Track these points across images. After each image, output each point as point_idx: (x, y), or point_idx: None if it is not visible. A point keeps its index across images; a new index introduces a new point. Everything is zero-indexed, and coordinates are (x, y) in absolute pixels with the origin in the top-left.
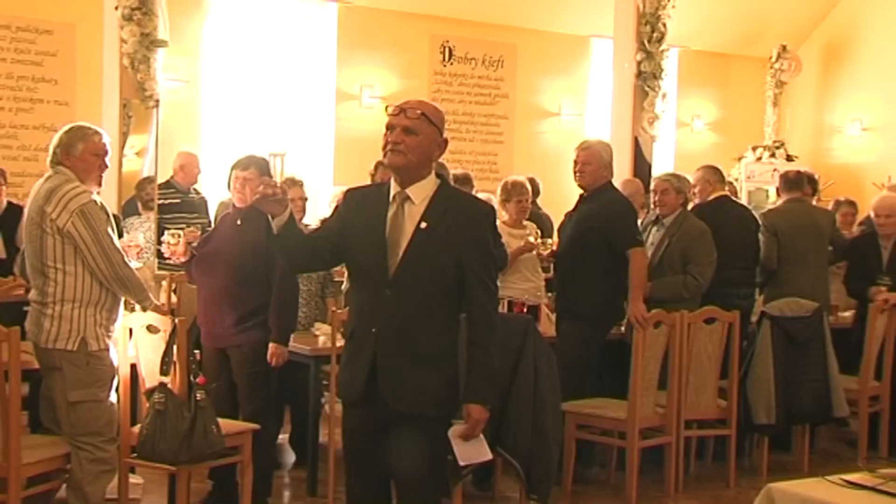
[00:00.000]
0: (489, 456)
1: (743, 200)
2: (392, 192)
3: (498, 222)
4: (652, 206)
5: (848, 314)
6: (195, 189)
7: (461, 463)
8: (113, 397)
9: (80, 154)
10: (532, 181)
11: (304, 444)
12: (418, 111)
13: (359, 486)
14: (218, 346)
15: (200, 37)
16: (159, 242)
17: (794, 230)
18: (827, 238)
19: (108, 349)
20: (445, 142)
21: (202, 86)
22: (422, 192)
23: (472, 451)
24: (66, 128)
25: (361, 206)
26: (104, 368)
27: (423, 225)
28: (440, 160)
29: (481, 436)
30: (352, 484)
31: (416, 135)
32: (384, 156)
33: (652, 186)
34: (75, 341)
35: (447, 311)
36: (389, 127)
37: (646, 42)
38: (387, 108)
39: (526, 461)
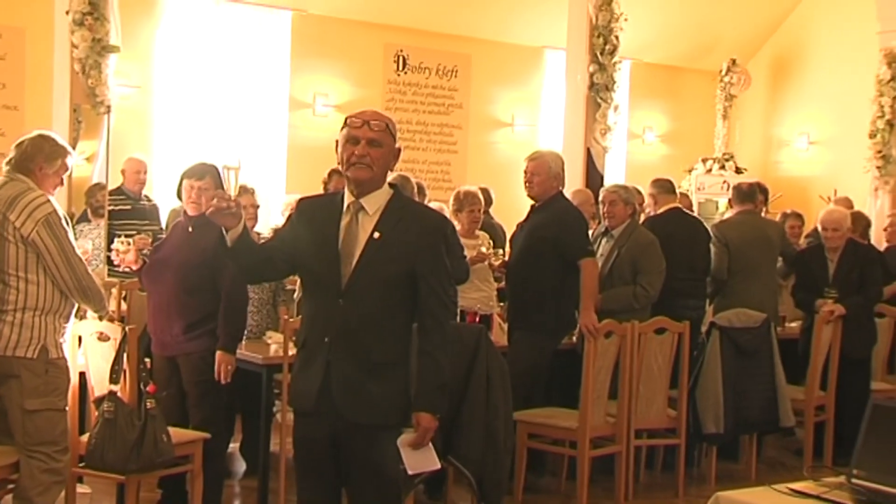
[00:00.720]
0: (437, 465)
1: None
2: (346, 203)
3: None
4: (601, 217)
5: (795, 325)
6: (146, 196)
7: (409, 472)
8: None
9: (56, 169)
10: (485, 191)
11: (254, 452)
12: (382, 123)
13: (309, 494)
14: (167, 354)
15: (153, 43)
16: (109, 250)
17: (745, 242)
18: (777, 250)
19: (65, 357)
20: (399, 151)
21: (154, 92)
22: (376, 202)
23: (420, 460)
24: (41, 134)
25: (314, 215)
26: (62, 377)
27: (376, 235)
28: (404, 173)
29: (430, 444)
30: (302, 493)
31: (380, 147)
32: (347, 169)
33: (600, 198)
34: (35, 349)
35: (399, 321)
36: (352, 140)
37: (598, 54)
38: (365, 123)
39: (478, 470)
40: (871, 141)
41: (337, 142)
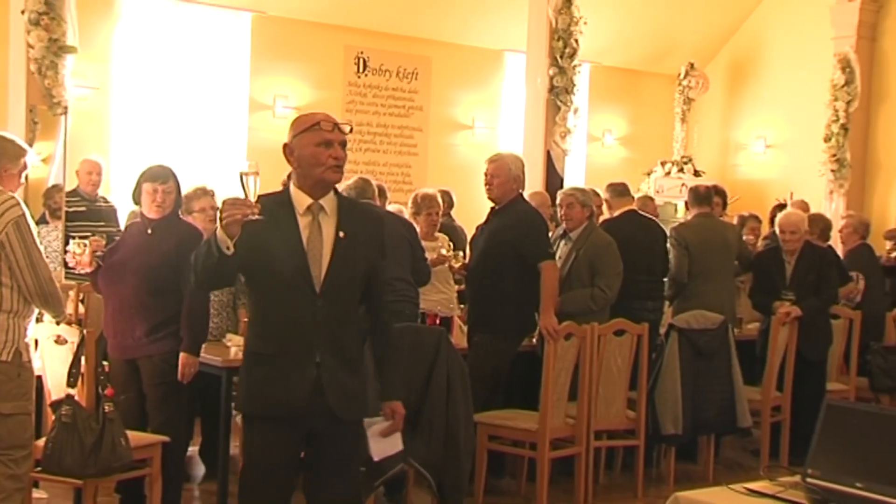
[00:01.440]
0: (401, 447)
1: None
2: (300, 204)
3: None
4: (559, 220)
5: (753, 327)
6: (103, 197)
7: (375, 458)
8: None
9: (20, 169)
10: (445, 193)
11: (214, 456)
12: (348, 126)
13: (267, 498)
14: (127, 356)
15: (111, 43)
16: (66, 252)
17: (704, 244)
18: (734, 252)
19: (32, 360)
20: None
21: (112, 93)
22: (330, 202)
23: (387, 446)
24: (1, 137)
25: (268, 218)
26: (31, 380)
27: (342, 235)
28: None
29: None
30: (258, 500)
31: (345, 149)
32: (322, 172)
33: (557, 201)
34: (10, 352)
35: (356, 317)
36: (326, 143)
37: (558, 57)
38: (336, 126)
39: (438, 472)
40: (825, 145)
41: (287, 145)
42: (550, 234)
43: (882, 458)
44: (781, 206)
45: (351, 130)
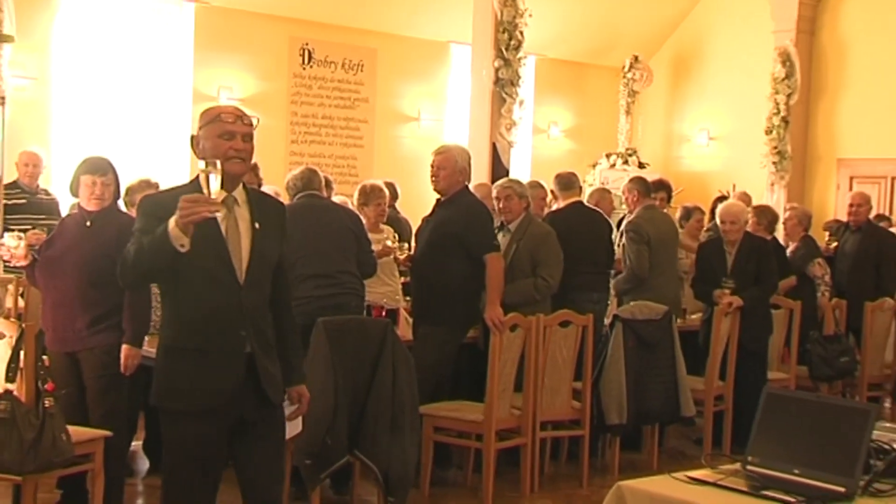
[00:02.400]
0: (300, 428)
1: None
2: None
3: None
4: (497, 212)
5: (696, 317)
6: (45, 190)
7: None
8: None
9: None
10: (391, 185)
11: (158, 450)
12: (254, 118)
13: (198, 494)
14: (67, 350)
15: (50, 33)
16: (0, 245)
17: (661, 236)
18: (678, 243)
19: None
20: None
21: (52, 84)
22: (241, 194)
23: (292, 429)
24: None
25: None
26: None
27: (257, 225)
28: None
29: None
30: (189, 493)
31: (250, 141)
32: (223, 163)
33: (494, 194)
34: None
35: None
36: (227, 134)
37: (503, 49)
38: (238, 118)
39: (384, 464)
40: (767, 137)
41: (194, 137)
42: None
43: (819, 445)
44: (722, 198)
45: (258, 123)
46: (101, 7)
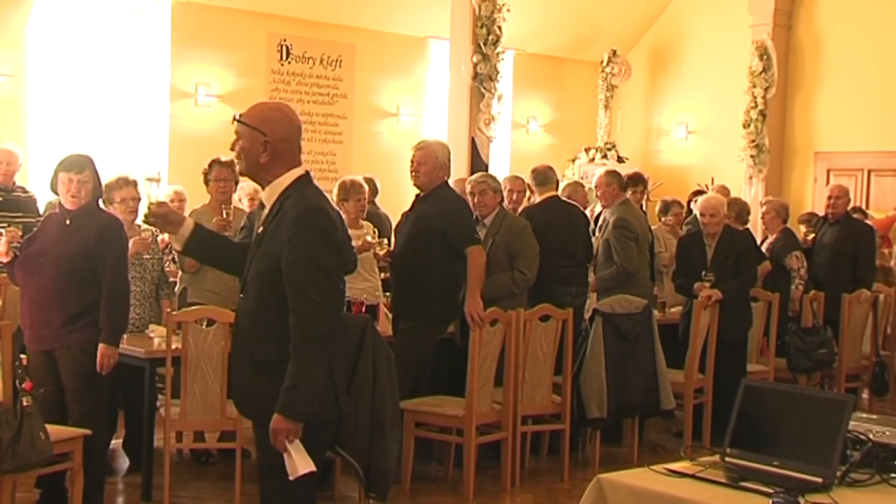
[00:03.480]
0: (311, 468)
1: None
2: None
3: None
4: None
5: (675, 310)
6: (21, 187)
7: (290, 477)
8: None
9: None
10: (370, 181)
11: (138, 448)
12: (236, 116)
13: None
14: (45, 348)
15: (25, 30)
16: None
17: (643, 231)
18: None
19: None
20: (267, 142)
21: (28, 81)
22: (271, 195)
23: (294, 463)
24: None
25: None
26: None
27: (261, 230)
28: None
29: (299, 447)
30: None
31: (239, 139)
32: None
33: (468, 189)
34: None
35: (284, 319)
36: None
37: (482, 44)
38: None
39: (365, 460)
40: (745, 131)
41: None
42: None
43: (798, 436)
44: (699, 192)
45: (234, 120)
46: (76, 3)
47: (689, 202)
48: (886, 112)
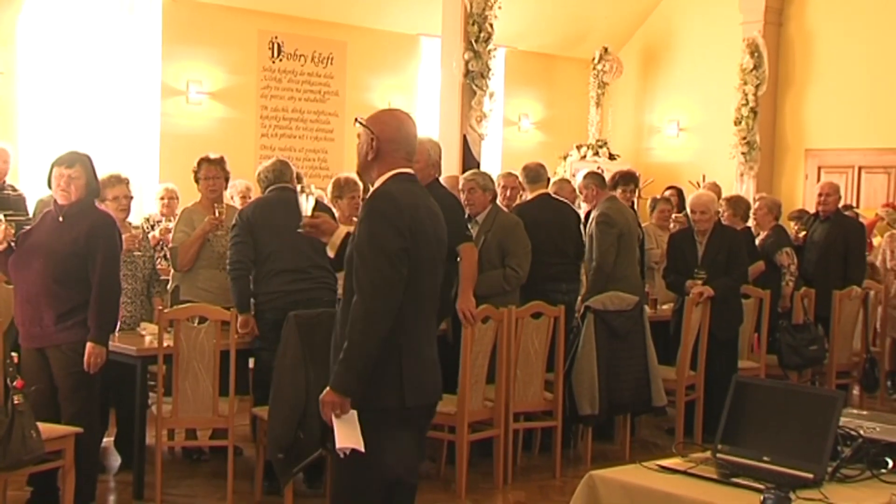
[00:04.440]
0: (359, 446)
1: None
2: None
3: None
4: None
5: (667, 307)
6: (11, 186)
7: (338, 445)
8: None
9: None
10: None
11: (129, 446)
12: (358, 118)
13: None
14: (37, 346)
15: (15, 27)
16: None
17: (628, 226)
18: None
19: None
20: (374, 139)
21: (18, 78)
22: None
23: (343, 436)
24: None
25: None
26: None
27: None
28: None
29: (354, 423)
30: None
31: (359, 139)
32: None
33: (459, 187)
34: None
35: None
36: None
37: (473, 42)
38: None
39: None
40: (736, 128)
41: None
42: None
43: (788, 432)
44: (672, 188)
45: (356, 121)
46: (66, 1)
47: (653, 200)
48: (877, 109)
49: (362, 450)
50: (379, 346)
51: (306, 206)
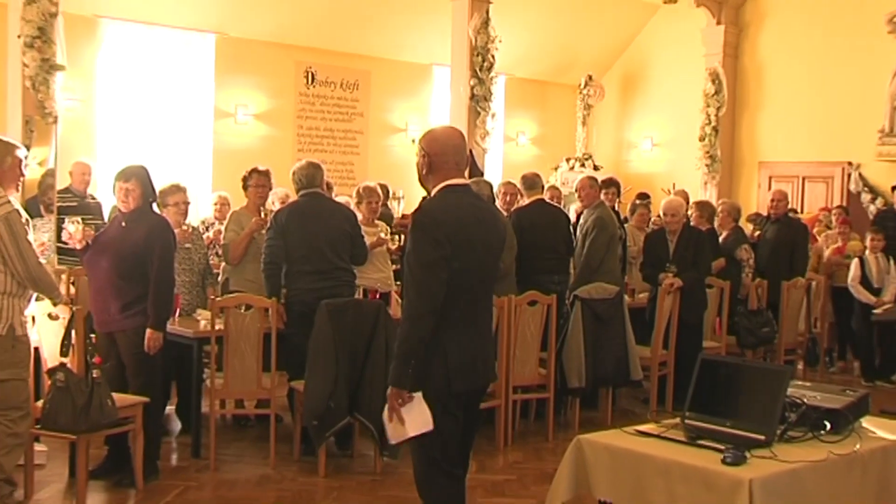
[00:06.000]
0: (429, 426)
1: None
2: None
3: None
4: None
5: (643, 296)
6: (91, 195)
7: (410, 434)
8: None
9: (8, 166)
10: (384, 186)
11: (188, 413)
12: (414, 139)
13: None
14: (106, 330)
15: (95, 62)
16: (59, 241)
17: (615, 230)
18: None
19: (27, 334)
20: (426, 155)
21: (97, 105)
22: None
23: (413, 424)
24: None
25: None
26: (25, 351)
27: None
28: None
29: (421, 407)
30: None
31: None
32: None
33: None
34: (4, 327)
35: None
36: None
37: (478, 70)
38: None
39: (379, 425)
40: (700, 143)
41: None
42: None
43: (745, 401)
44: (642, 195)
45: (413, 141)
46: (137, 39)
47: (632, 208)
48: (816, 128)
49: (431, 427)
50: (423, 343)
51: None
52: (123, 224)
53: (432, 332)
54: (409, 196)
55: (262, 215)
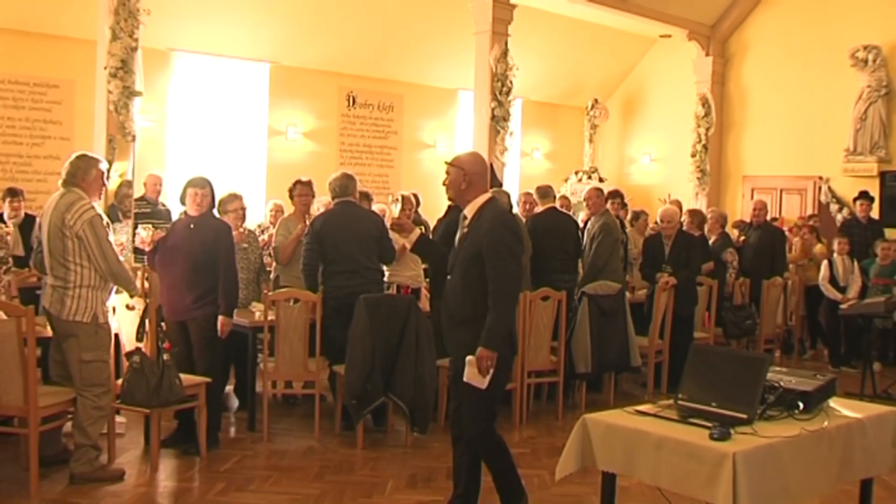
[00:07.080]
0: (482, 385)
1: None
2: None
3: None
4: None
5: (642, 292)
6: (162, 203)
7: (464, 379)
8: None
9: (93, 177)
10: (415, 195)
11: (244, 392)
12: (446, 161)
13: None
14: (179, 319)
15: (167, 88)
16: (135, 235)
17: (618, 234)
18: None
19: (108, 322)
20: (465, 174)
21: (168, 125)
22: (472, 210)
23: (471, 376)
24: (77, 155)
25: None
26: (107, 336)
27: (465, 230)
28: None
29: (484, 369)
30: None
31: (448, 176)
32: None
33: None
34: (89, 315)
35: (480, 289)
36: None
37: (497, 94)
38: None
39: (410, 404)
40: (692, 159)
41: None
42: None
43: (730, 384)
44: (640, 212)
45: (446, 163)
46: (203, 68)
47: (634, 213)
48: (792, 147)
49: (484, 387)
50: (514, 316)
51: (395, 209)
52: (192, 226)
53: None
54: (434, 204)
55: (307, 221)
